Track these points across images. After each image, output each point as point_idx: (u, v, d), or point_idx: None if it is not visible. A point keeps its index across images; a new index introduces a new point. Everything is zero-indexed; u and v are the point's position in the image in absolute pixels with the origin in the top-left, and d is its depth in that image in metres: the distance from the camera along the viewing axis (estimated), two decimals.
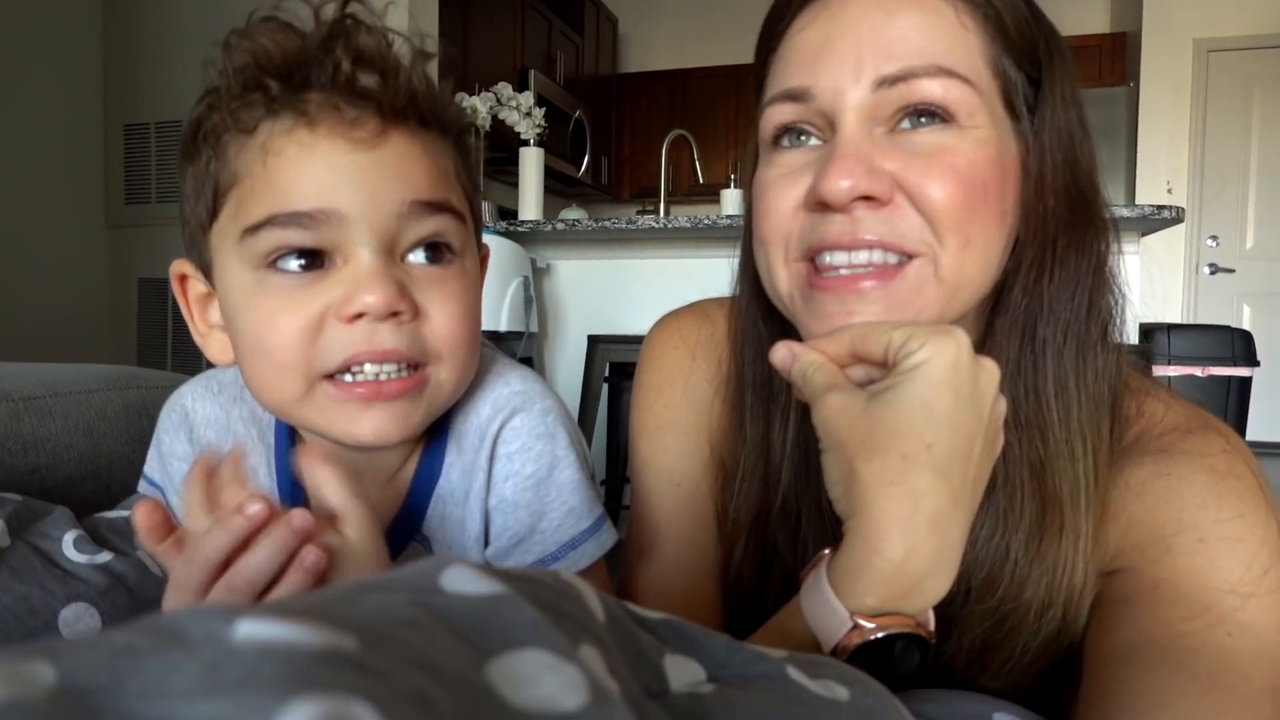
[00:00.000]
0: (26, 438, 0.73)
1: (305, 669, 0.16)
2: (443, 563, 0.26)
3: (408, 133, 0.50)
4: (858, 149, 0.50)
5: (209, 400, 0.61)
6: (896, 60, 0.49)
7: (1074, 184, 0.54)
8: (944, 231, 0.50)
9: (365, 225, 0.48)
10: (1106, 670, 0.49)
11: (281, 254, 0.48)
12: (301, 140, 0.48)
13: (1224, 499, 0.50)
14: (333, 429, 0.51)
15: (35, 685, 0.14)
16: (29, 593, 0.57)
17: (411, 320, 0.50)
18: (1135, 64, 4.64)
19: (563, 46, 5.09)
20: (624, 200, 5.87)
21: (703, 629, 0.36)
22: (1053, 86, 0.53)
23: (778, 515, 0.61)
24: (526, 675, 0.21)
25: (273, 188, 0.48)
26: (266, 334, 0.49)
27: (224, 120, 0.49)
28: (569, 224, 2.56)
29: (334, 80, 0.48)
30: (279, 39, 0.48)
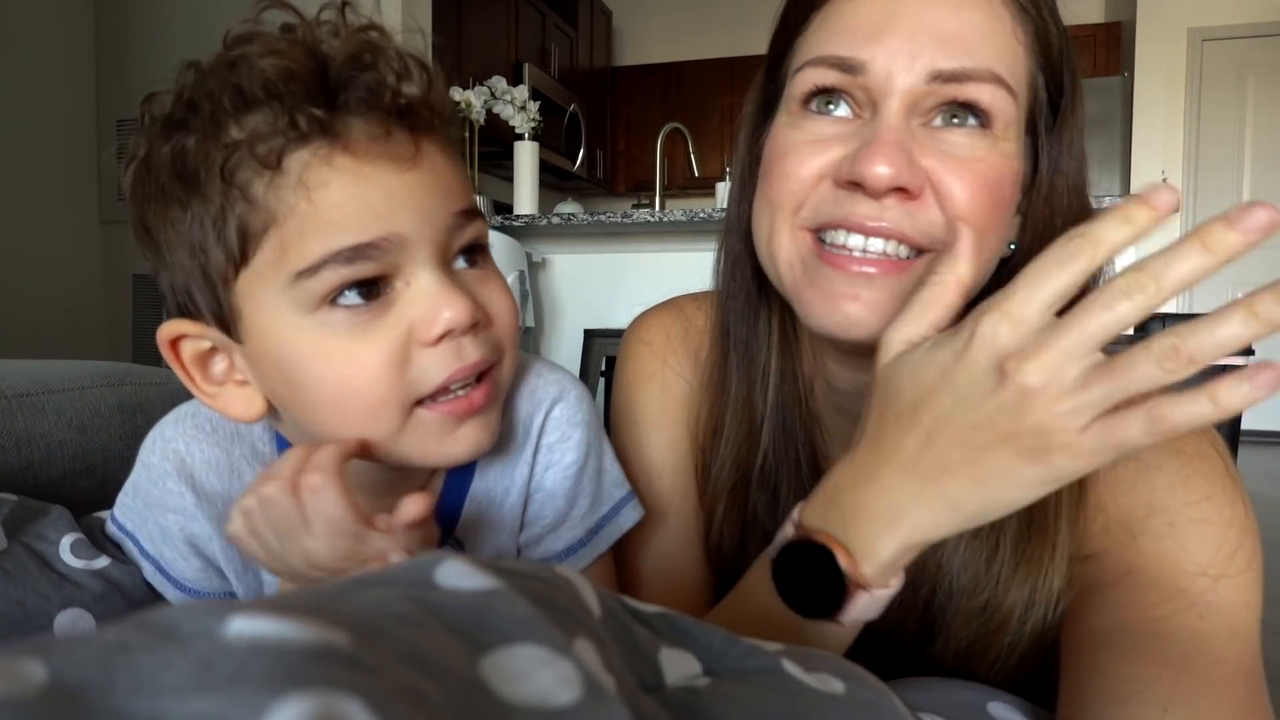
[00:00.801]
0: (19, 434, 0.73)
1: (296, 665, 0.16)
2: (436, 558, 0.26)
3: (436, 143, 0.48)
4: (901, 138, 0.50)
5: (204, 441, 0.56)
6: (955, 58, 0.49)
7: (1079, 210, 0.55)
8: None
9: (424, 243, 0.46)
10: (1083, 657, 0.49)
11: (340, 289, 0.45)
12: (346, 168, 0.44)
13: (1191, 481, 0.51)
14: (428, 455, 0.49)
15: (27, 682, 0.14)
16: (24, 598, 0.56)
17: (489, 326, 0.49)
18: (1130, 53, 4.65)
19: (557, 40, 5.08)
20: (619, 194, 5.86)
21: (698, 622, 0.36)
22: (1074, 113, 0.54)
23: (758, 477, 0.62)
24: (520, 670, 0.21)
25: (326, 223, 0.44)
26: (352, 376, 0.45)
27: (235, 155, 0.43)
28: (564, 218, 2.55)
29: (377, 99, 0.45)
30: (294, 56, 0.43)
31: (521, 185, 2.95)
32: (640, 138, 5.68)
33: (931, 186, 0.50)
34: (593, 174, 5.49)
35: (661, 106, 5.61)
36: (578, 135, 5.03)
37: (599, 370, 2.32)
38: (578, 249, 2.77)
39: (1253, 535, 0.50)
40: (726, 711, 0.31)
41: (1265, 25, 4.67)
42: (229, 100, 0.43)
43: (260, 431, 0.57)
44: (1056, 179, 0.54)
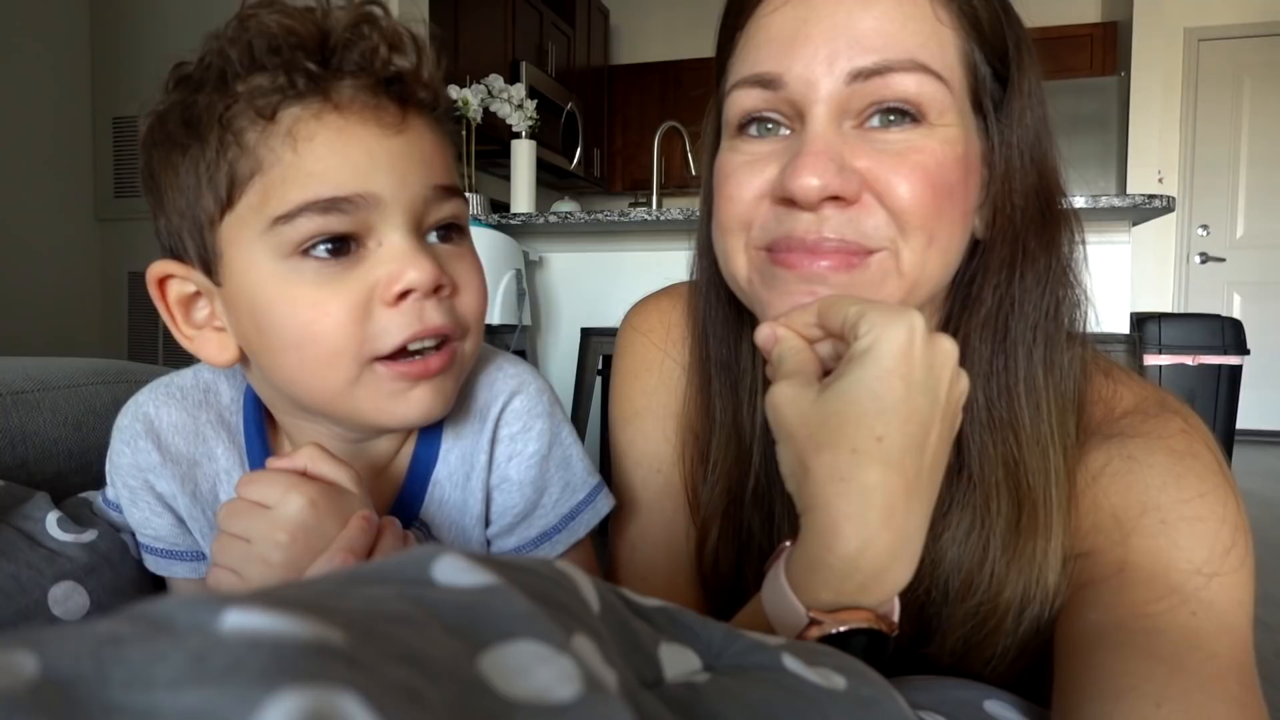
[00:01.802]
0: (14, 432, 0.72)
1: (292, 660, 0.15)
2: (434, 552, 0.26)
3: (423, 118, 0.51)
4: (828, 145, 0.49)
5: (173, 406, 0.59)
6: (872, 53, 0.48)
7: (1041, 183, 0.54)
8: (909, 230, 0.49)
9: (398, 208, 0.49)
10: (1076, 654, 0.49)
11: (314, 241, 0.48)
12: (333, 125, 0.47)
13: (1184, 479, 0.51)
14: (380, 413, 0.51)
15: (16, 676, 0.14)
16: (18, 572, 0.57)
17: (450, 295, 0.51)
18: (1126, 53, 4.65)
19: (554, 38, 5.07)
20: (616, 192, 5.85)
21: (699, 617, 0.36)
22: (1021, 84, 0.53)
23: (751, 498, 0.62)
24: (519, 667, 0.21)
25: (307, 173, 0.47)
26: (313, 321, 0.48)
27: (236, 106, 0.47)
28: (561, 217, 2.55)
29: (369, 64, 0.48)
30: (301, 19, 0.47)
31: (518, 183, 2.94)
32: (637, 136, 5.67)
33: (869, 187, 0.49)
34: (590, 172, 5.48)
35: (659, 105, 5.60)
36: (575, 134, 5.02)
37: (596, 368, 2.31)
38: (575, 247, 2.76)
39: (1245, 533, 0.50)
40: (726, 708, 0.31)
41: (1262, 25, 4.68)
42: (238, 58, 0.47)
43: (228, 402, 0.60)
44: (1010, 153, 0.53)
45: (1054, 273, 0.54)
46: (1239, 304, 4.81)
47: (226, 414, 0.60)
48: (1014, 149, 0.53)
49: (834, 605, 0.43)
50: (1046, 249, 0.54)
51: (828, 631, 0.43)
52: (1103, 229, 2.34)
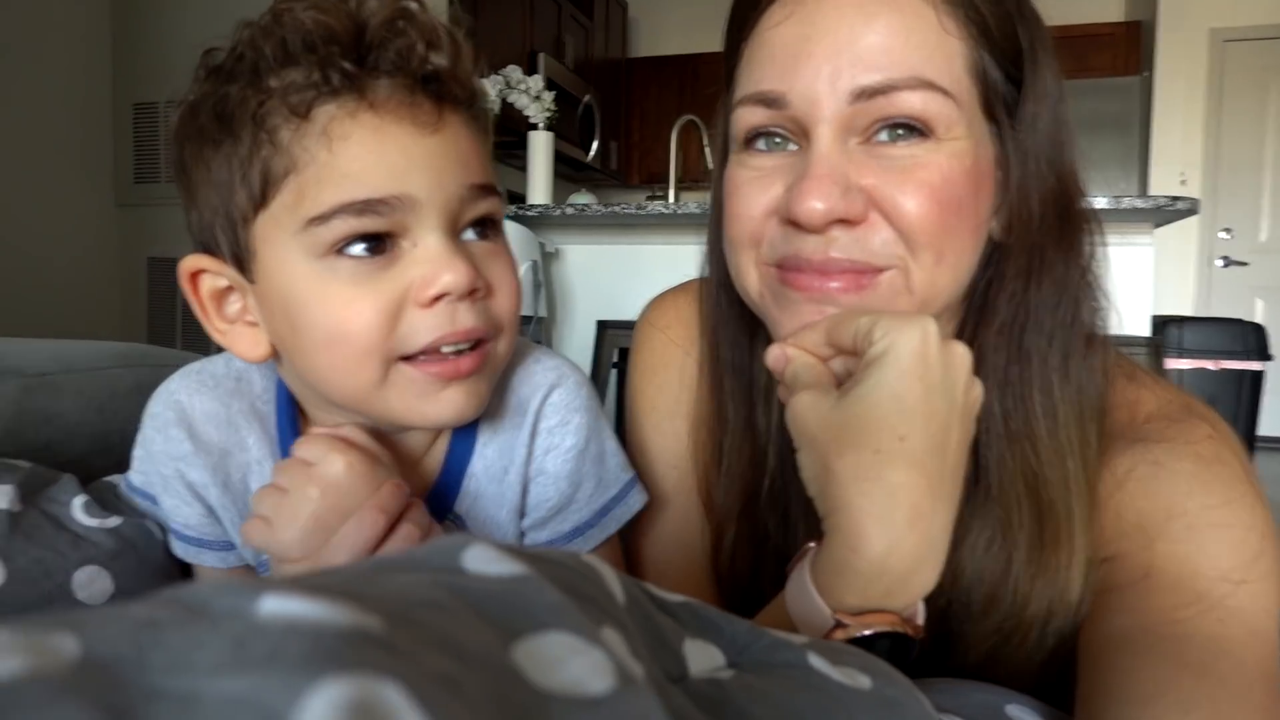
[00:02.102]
0: (39, 414, 0.73)
1: (333, 647, 0.15)
2: (464, 541, 0.26)
3: (460, 117, 0.50)
4: (832, 167, 0.48)
5: (205, 394, 0.58)
6: (875, 71, 0.47)
7: (1059, 187, 0.52)
8: (917, 247, 0.49)
9: (434, 208, 0.48)
10: (1101, 659, 0.49)
11: (349, 240, 0.47)
12: (369, 124, 0.46)
13: (1210, 485, 0.50)
14: (411, 413, 0.51)
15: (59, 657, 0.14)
16: (43, 555, 0.58)
17: (484, 296, 0.51)
18: (1150, 53, 4.60)
19: (572, 30, 5.06)
20: (633, 185, 5.84)
21: (723, 613, 0.36)
22: (1035, 85, 0.51)
23: (766, 499, 0.61)
24: (553, 658, 0.21)
25: (343, 174, 0.46)
26: (345, 320, 0.47)
27: (270, 103, 0.46)
28: (578, 209, 2.55)
29: (405, 62, 0.47)
30: (337, 15, 0.46)
31: (535, 175, 2.94)
32: (655, 129, 5.66)
33: (876, 205, 0.49)
34: (607, 165, 5.47)
35: (676, 98, 5.58)
36: (592, 126, 5.01)
37: (611, 361, 2.31)
38: (591, 240, 2.76)
39: (1273, 540, 0.49)
40: (751, 704, 0.30)
41: None
42: (271, 51, 0.46)
43: (260, 392, 0.60)
44: (1025, 159, 0.52)
45: (1071, 280, 0.53)
46: (1262, 309, 4.75)
47: (259, 403, 0.59)
48: (1029, 154, 0.51)
49: (860, 608, 0.43)
50: (1064, 255, 0.53)
51: (853, 635, 0.43)
52: (1124, 231, 2.32)
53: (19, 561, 0.56)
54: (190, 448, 0.57)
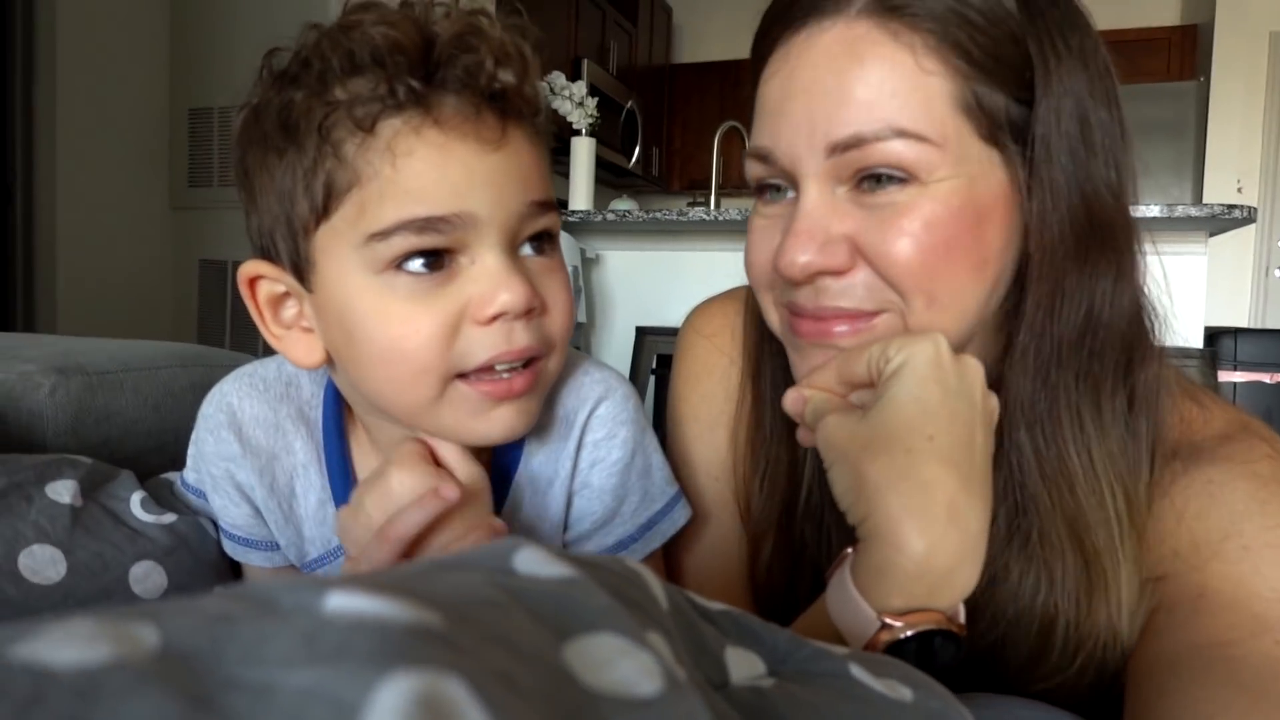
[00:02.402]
0: (99, 411, 0.75)
1: (399, 643, 0.16)
2: (513, 545, 0.27)
3: (523, 132, 0.50)
4: (814, 222, 0.49)
5: (255, 398, 0.59)
6: (847, 125, 0.48)
7: (1084, 205, 0.50)
8: (905, 292, 0.49)
9: (494, 226, 0.48)
10: (1152, 680, 0.48)
11: (408, 256, 0.47)
12: (433, 141, 0.46)
13: (1268, 505, 0.49)
14: (463, 429, 0.51)
15: (141, 646, 0.15)
16: (102, 549, 0.60)
17: (540, 315, 0.51)
18: (1206, 57, 4.48)
19: (616, 36, 5.09)
20: (674, 192, 5.85)
21: (764, 622, 0.36)
22: (1048, 103, 0.49)
23: (803, 510, 0.61)
24: (602, 658, 0.21)
25: (405, 191, 0.46)
26: (403, 338, 0.47)
27: (335, 114, 0.46)
28: (619, 215, 2.56)
29: (473, 79, 0.47)
30: (405, 29, 0.46)
31: (577, 181, 2.96)
32: (697, 136, 5.65)
33: (860, 253, 0.49)
34: (648, 171, 5.49)
35: (719, 105, 5.58)
36: (634, 132, 5.03)
37: (650, 367, 2.32)
38: (632, 246, 2.77)
39: None
40: (793, 713, 0.31)
41: None
42: (338, 62, 0.46)
43: (308, 397, 0.60)
44: (1040, 183, 0.49)
45: (1101, 305, 0.51)
46: None
47: (306, 408, 0.60)
48: (1042, 176, 0.49)
49: (905, 609, 0.43)
50: (1090, 279, 0.50)
51: (897, 636, 0.43)
52: (1178, 240, 2.26)
53: (79, 555, 0.59)
54: (239, 450, 0.58)
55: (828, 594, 0.48)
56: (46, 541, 0.58)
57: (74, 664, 0.13)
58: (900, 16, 0.47)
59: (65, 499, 0.60)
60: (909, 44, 0.47)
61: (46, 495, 0.60)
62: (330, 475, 0.59)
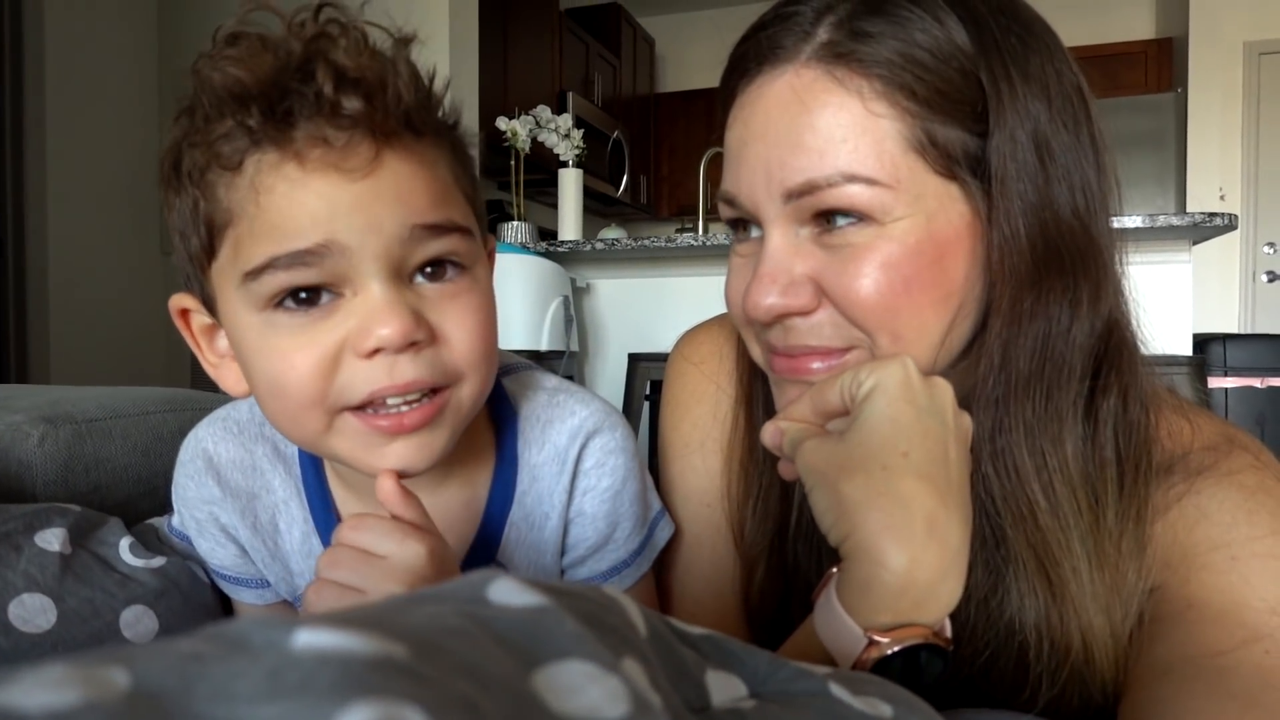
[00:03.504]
0: (89, 458, 0.76)
1: (360, 675, 0.16)
2: (488, 576, 0.27)
3: (403, 150, 0.47)
4: (776, 265, 0.51)
5: (230, 441, 0.59)
6: (800, 172, 0.49)
7: (1042, 232, 0.49)
8: (870, 331, 0.50)
9: (369, 255, 0.46)
10: (1144, 690, 0.48)
11: (284, 294, 0.46)
12: (291, 176, 0.45)
13: (1255, 516, 0.50)
14: (359, 462, 0.50)
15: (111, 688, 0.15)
16: (92, 596, 0.60)
17: (430, 346, 0.48)
18: (1183, 69, 4.55)
19: (600, 68, 5.15)
20: (663, 218, 5.89)
21: (745, 644, 0.37)
22: (1001, 134, 0.49)
23: (795, 531, 0.61)
24: (571, 685, 0.22)
25: (270, 227, 0.45)
26: (282, 374, 0.47)
27: (205, 155, 0.46)
28: (608, 243, 2.58)
29: (318, 108, 0.44)
30: (253, 65, 0.44)
31: (566, 211, 2.99)
32: (683, 162, 5.71)
33: (823, 293, 0.51)
34: (636, 199, 5.53)
35: (704, 131, 5.64)
36: (621, 161, 5.08)
37: (643, 394, 2.32)
38: (621, 274, 2.79)
39: None
40: None
41: None
42: (207, 101, 0.46)
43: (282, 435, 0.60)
44: (997, 214, 0.49)
45: (1060, 335, 0.51)
46: None
47: (281, 445, 0.60)
48: (1000, 209, 0.49)
49: (890, 625, 0.44)
50: (1045, 310, 0.50)
51: (885, 652, 0.43)
52: (1162, 249, 2.29)
53: (70, 602, 0.59)
54: (219, 493, 0.59)
55: (815, 614, 0.48)
56: (36, 590, 0.58)
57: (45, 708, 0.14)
58: (847, 63, 0.49)
59: (54, 547, 0.61)
60: (856, 89, 0.48)
61: (35, 544, 0.60)
62: (312, 508, 0.59)
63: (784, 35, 0.51)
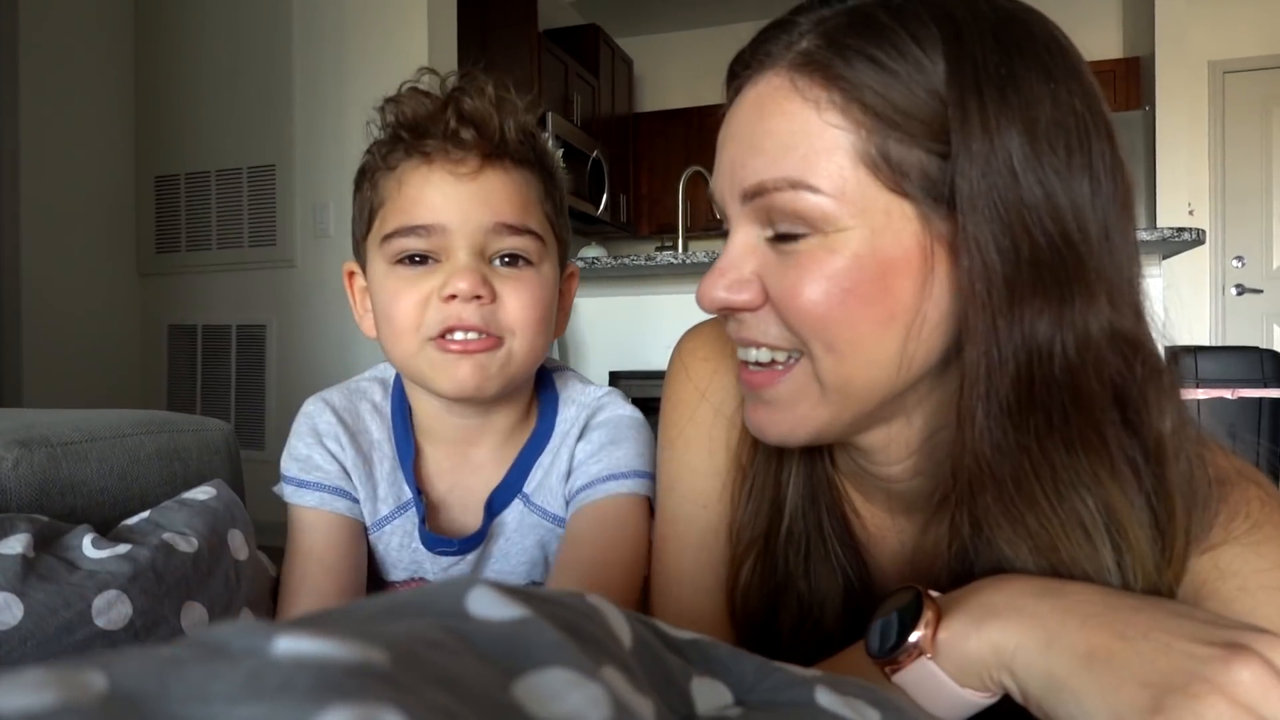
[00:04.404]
0: (64, 482, 0.75)
1: (339, 679, 0.16)
2: (465, 585, 0.27)
3: (500, 170, 0.69)
4: (729, 261, 0.54)
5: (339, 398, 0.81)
6: (754, 173, 0.51)
7: (1015, 254, 0.47)
8: (804, 338, 0.51)
9: (462, 235, 0.68)
10: None
11: (405, 254, 0.69)
12: (423, 175, 0.68)
13: (1263, 548, 0.50)
14: (435, 377, 0.70)
15: (88, 691, 0.15)
16: (61, 589, 0.60)
17: (489, 303, 0.68)
18: (1150, 87, 4.64)
19: (579, 88, 5.18)
20: (643, 237, 5.92)
21: (733, 650, 0.37)
22: (969, 153, 0.47)
23: (785, 536, 0.61)
24: (553, 692, 0.22)
25: (401, 208, 0.69)
26: (393, 306, 0.69)
27: (376, 161, 0.71)
28: (589, 262, 2.58)
29: (445, 134, 0.67)
30: (413, 104, 0.69)
31: None
32: (663, 181, 5.74)
33: (768, 297, 0.53)
34: (616, 218, 5.55)
35: (683, 150, 5.68)
36: (601, 180, 5.10)
37: None
38: (603, 292, 2.79)
39: None
40: None
41: None
42: (385, 128, 0.71)
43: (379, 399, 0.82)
44: (967, 239, 0.47)
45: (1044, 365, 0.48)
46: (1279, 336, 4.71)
47: (378, 403, 0.82)
48: (968, 233, 0.47)
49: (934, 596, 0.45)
50: (1027, 329, 0.47)
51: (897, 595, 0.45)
52: None
53: (36, 596, 0.58)
54: (336, 422, 0.78)
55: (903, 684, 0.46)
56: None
57: (22, 710, 0.14)
58: (811, 73, 0.49)
59: (17, 550, 0.60)
60: (814, 99, 0.49)
61: None
62: (398, 446, 0.79)
63: (772, 43, 0.53)
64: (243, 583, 0.74)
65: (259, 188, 3.17)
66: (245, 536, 0.76)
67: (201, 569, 0.68)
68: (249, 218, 3.20)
